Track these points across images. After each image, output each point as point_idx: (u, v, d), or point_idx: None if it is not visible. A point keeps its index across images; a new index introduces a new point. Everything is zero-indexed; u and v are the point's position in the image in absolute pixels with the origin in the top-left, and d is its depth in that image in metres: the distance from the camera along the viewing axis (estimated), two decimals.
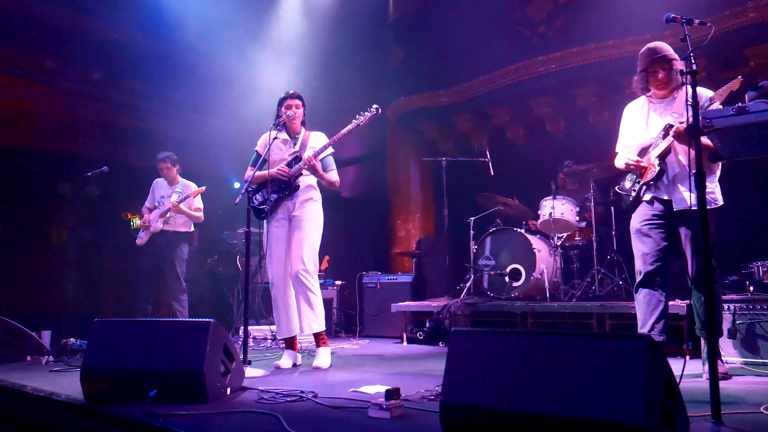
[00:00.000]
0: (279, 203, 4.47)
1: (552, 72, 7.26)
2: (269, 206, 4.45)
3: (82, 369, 2.97)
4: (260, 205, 4.49)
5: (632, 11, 6.40)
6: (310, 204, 4.50)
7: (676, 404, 1.96)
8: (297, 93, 4.60)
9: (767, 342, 4.02)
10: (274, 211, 4.48)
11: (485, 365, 2.11)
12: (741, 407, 2.61)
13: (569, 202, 6.01)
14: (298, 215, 4.43)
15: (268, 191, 4.45)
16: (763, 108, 2.17)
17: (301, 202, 4.46)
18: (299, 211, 4.44)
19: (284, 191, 4.44)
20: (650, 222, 3.58)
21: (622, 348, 1.88)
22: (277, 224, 4.47)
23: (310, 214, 4.46)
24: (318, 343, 4.37)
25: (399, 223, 9.02)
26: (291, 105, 4.52)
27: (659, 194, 3.57)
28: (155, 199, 6.03)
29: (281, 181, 4.43)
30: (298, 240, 4.36)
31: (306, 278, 4.29)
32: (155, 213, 5.88)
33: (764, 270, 4.77)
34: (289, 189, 4.44)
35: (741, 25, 5.94)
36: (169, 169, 5.96)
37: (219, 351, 3.02)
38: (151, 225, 5.79)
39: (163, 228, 5.81)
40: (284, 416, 2.47)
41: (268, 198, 4.45)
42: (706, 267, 2.56)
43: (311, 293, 4.31)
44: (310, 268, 4.32)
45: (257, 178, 4.48)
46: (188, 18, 8.10)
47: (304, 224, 4.40)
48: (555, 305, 5.30)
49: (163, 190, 6.01)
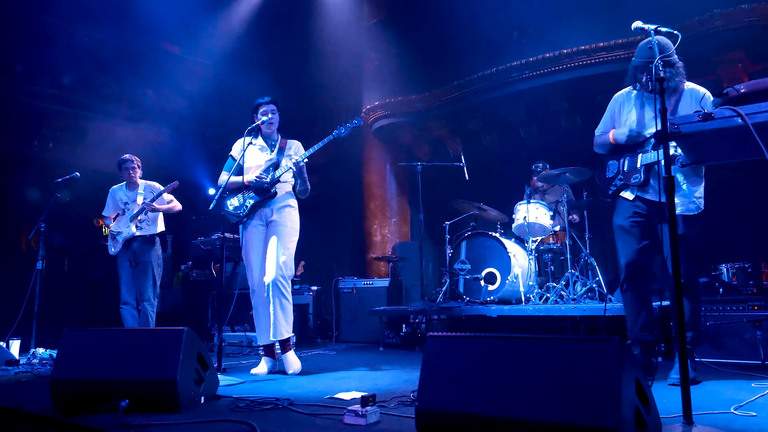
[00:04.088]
0: (255, 209, 4.42)
1: (525, 78, 7.34)
2: (245, 212, 4.41)
3: (51, 379, 2.91)
4: (236, 211, 4.44)
5: (603, 18, 6.51)
6: (289, 210, 4.47)
7: (648, 406, 1.99)
8: (272, 99, 4.56)
9: (737, 342, 4.10)
10: (250, 217, 4.43)
11: (460, 370, 2.12)
12: (712, 408, 2.66)
13: (543, 206, 6.07)
14: (276, 221, 4.40)
15: (244, 197, 4.41)
16: (728, 114, 2.22)
17: (279, 208, 4.43)
18: (277, 217, 4.41)
19: (260, 197, 4.40)
20: (633, 219, 3.63)
21: (594, 351, 1.91)
22: (254, 230, 4.42)
23: (288, 220, 4.43)
24: (285, 349, 4.32)
25: (375, 227, 9.02)
26: (267, 111, 4.49)
27: (643, 194, 3.61)
28: (117, 206, 5.86)
29: (258, 188, 4.40)
30: (276, 247, 4.32)
31: (283, 285, 4.28)
32: (124, 218, 5.72)
33: (733, 272, 4.88)
34: (267, 195, 4.40)
35: (708, 33, 6.06)
36: (135, 171, 5.82)
37: (193, 359, 2.98)
38: (123, 231, 5.68)
39: (137, 233, 5.70)
40: (259, 424, 2.44)
41: (244, 204, 4.40)
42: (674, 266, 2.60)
43: (286, 300, 4.30)
44: (287, 274, 4.31)
45: (232, 183, 4.44)
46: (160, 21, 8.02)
47: (282, 230, 4.37)
48: (530, 309, 5.34)
49: (125, 196, 5.85)
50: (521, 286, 5.75)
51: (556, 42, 6.96)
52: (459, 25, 7.70)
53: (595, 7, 6.61)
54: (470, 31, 7.66)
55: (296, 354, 4.41)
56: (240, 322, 7.17)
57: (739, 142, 2.25)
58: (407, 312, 6.15)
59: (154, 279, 5.68)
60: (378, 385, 3.63)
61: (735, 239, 6.21)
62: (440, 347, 2.22)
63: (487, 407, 1.99)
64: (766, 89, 2.32)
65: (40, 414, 2.88)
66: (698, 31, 6.04)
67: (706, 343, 4.18)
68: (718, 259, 5.38)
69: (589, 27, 6.64)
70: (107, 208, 5.90)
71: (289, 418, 2.68)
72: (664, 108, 2.24)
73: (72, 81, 7.96)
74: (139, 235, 5.69)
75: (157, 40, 8.60)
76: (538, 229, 6.04)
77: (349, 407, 2.56)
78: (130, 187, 5.87)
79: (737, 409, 2.60)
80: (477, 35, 7.65)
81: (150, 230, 5.76)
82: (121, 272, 5.73)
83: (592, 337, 1.98)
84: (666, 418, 2.32)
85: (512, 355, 2.05)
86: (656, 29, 2.74)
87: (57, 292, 7.83)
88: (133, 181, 5.84)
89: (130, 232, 5.66)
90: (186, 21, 8.11)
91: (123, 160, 5.82)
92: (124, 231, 5.68)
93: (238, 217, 4.43)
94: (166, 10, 7.76)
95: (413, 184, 7.32)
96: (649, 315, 3.58)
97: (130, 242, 5.71)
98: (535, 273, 6.01)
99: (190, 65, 9.06)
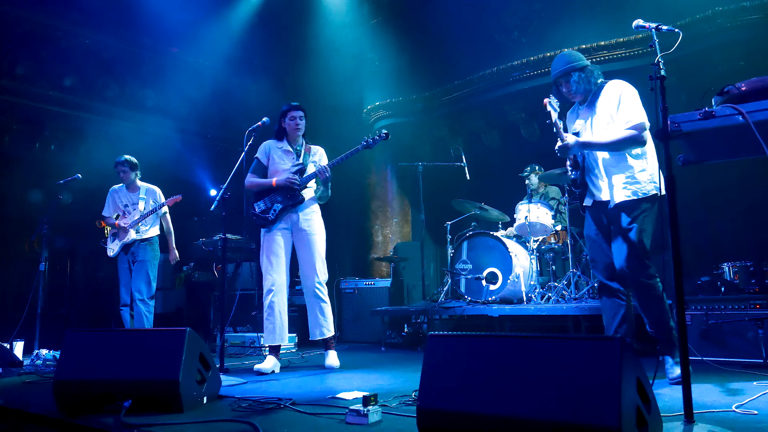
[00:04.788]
0: (283, 213, 4.55)
1: (526, 77, 7.33)
2: (273, 216, 4.52)
3: (55, 380, 2.92)
4: (262, 213, 4.57)
5: (604, 17, 6.51)
6: (316, 216, 4.65)
7: (649, 405, 1.99)
8: (300, 105, 4.70)
9: (739, 341, 4.09)
10: (278, 220, 4.56)
11: (462, 369, 2.12)
12: (713, 406, 2.66)
13: (544, 205, 6.07)
14: (306, 228, 4.56)
15: (271, 200, 4.55)
16: (729, 112, 2.22)
17: (306, 214, 4.59)
18: (307, 224, 4.57)
19: (289, 202, 4.53)
20: (596, 226, 3.63)
21: (596, 350, 1.91)
22: (279, 232, 4.56)
23: (317, 227, 4.62)
24: (328, 346, 4.62)
25: (376, 228, 9.02)
26: (295, 117, 4.64)
27: (596, 197, 3.60)
28: (117, 207, 5.85)
29: (287, 191, 4.53)
30: (312, 254, 4.54)
31: (321, 291, 4.56)
32: (126, 221, 5.70)
33: (734, 270, 4.86)
34: (295, 200, 4.54)
35: (709, 31, 6.05)
36: (126, 173, 5.81)
37: (195, 359, 2.99)
38: (120, 234, 5.68)
39: (138, 237, 5.70)
40: (261, 424, 2.45)
41: (272, 208, 4.54)
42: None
43: (325, 303, 4.58)
44: (323, 280, 4.57)
45: (259, 185, 4.59)
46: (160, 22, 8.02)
47: (314, 238, 4.56)
48: (532, 308, 5.34)
49: (126, 198, 5.83)
50: (523, 285, 5.75)
51: (557, 41, 6.95)
52: (460, 24, 7.70)
53: (596, 6, 6.61)
54: (471, 30, 7.66)
55: (298, 354, 4.49)
56: (242, 322, 7.18)
57: (741, 140, 2.24)
58: (409, 312, 6.15)
59: (149, 278, 5.66)
60: (380, 385, 3.63)
61: (737, 238, 6.21)
62: (442, 347, 2.22)
63: (488, 406, 2.00)
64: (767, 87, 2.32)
65: (43, 414, 2.89)
66: (699, 29, 6.03)
67: (708, 342, 4.17)
68: (720, 257, 5.37)
69: (589, 26, 6.63)
70: (107, 208, 5.89)
71: (292, 417, 2.69)
72: (665, 107, 2.24)
73: (74, 83, 7.97)
74: (137, 239, 5.69)
75: (158, 41, 8.61)
76: (540, 229, 6.05)
77: (351, 407, 2.57)
78: (130, 189, 5.87)
79: (739, 408, 2.60)
80: (478, 35, 7.65)
81: (148, 233, 5.76)
82: (121, 274, 5.74)
83: (593, 336, 1.98)
84: (667, 416, 2.32)
85: (514, 354, 2.06)
86: (657, 27, 2.73)
87: (60, 293, 7.85)
88: (128, 183, 5.84)
89: (130, 237, 5.66)
90: (187, 22, 8.11)
91: (116, 162, 5.82)
92: (121, 234, 5.67)
93: (266, 220, 4.56)
94: (167, 11, 7.77)
95: (414, 184, 7.32)
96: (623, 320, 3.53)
97: (129, 245, 5.71)
98: (536, 272, 6.01)
99: (191, 66, 9.07)
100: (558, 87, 3.72)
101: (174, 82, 8.71)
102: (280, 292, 4.51)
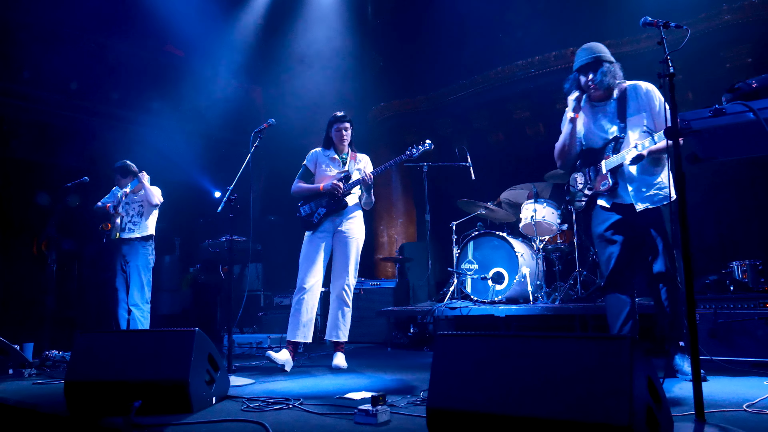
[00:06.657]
0: (326, 217, 4.69)
1: (530, 76, 7.32)
2: (318, 219, 4.67)
3: (65, 381, 2.94)
4: (307, 217, 4.72)
5: (610, 15, 6.49)
6: (358, 222, 4.78)
7: (660, 404, 1.98)
8: (348, 116, 4.86)
9: (748, 340, 4.07)
10: (321, 223, 4.69)
11: (471, 369, 2.11)
12: (724, 405, 2.64)
13: (550, 205, 6.05)
14: (347, 232, 4.69)
15: (316, 205, 4.70)
16: (740, 110, 2.21)
17: (350, 218, 4.72)
18: (348, 228, 4.70)
19: (333, 207, 4.66)
20: (613, 227, 3.61)
21: (606, 349, 1.90)
22: (321, 236, 4.70)
23: (358, 231, 4.75)
24: (338, 349, 4.73)
25: (381, 228, 9.02)
26: (341, 128, 4.78)
27: (617, 199, 3.59)
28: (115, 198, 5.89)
29: (332, 197, 4.66)
30: (347, 257, 4.68)
31: (347, 294, 4.70)
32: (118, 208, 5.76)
33: (743, 269, 4.84)
34: (339, 205, 4.66)
35: (716, 27, 6.04)
36: (119, 181, 5.89)
37: (204, 360, 3.00)
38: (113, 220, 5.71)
39: (127, 236, 5.70)
40: (270, 424, 2.46)
41: (316, 212, 4.69)
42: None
43: (347, 308, 4.74)
44: (352, 284, 4.71)
45: (306, 190, 4.76)
46: (165, 26, 8.05)
47: (352, 241, 4.70)
48: (538, 308, 5.33)
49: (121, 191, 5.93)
50: (529, 285, 5.74)
51: (561, 39, 6.95)
52: (464, 24, 7.70)
53: (602, 3, 6.60)
54: (475, 30, 7.66)
55: (304, 356, 4.56)
56: (248, 323, 7.19)
57: (751, 138, 2.23)
58: (415, 312, 6.15)
59: (142, 283, 5.65)
60: (387, 385, 3.63)
61: (746, 236, 6.18)
62: (450, 346, 2.22)
63: (497, 406, 1.99)
64: None
65: (54, 415, 2.90)
66: (706, 26, 6.02)
67: (717, 341, 4.15)
68: (729, 256, 5.35)
69: (595, 24, 6.62)
70: (106, 199, 5.93)
71: (301, 417, 2.69)
72: (674, 105, 2.23)
73: (80, 86, 8.00)
74: (129, 238, 5.69)
75: (163, 44, 8.63)
76: (546, 228, 6.03)
77: (359, 407, 2.56)
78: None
79: (750, 407, 2.58)
80: (482, 34, 7.65)
81: (139, 231, 5.74)
82: (117, 277, 5.77)
83: (603, 335, 1.97)
84: (678, 415, 2.31)
85: (523, 353, 2.05)
86: (665, 24, 2.72)
87: (68, 295, 7.85)
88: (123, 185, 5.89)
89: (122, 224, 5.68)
90: (192, 25, 8.13)
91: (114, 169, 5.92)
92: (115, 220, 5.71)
93: (310, 223, 4.70)
94: (173, 15, 7.80)
95: (419, 185, 7.30)
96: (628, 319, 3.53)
97: (120, 244, 5.70)
98: (543, 272, 6.00)
99: (196, 69, 9.09)
100: (579, 76, 3.67)
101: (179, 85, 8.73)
102: (311, 292, 4.61)
